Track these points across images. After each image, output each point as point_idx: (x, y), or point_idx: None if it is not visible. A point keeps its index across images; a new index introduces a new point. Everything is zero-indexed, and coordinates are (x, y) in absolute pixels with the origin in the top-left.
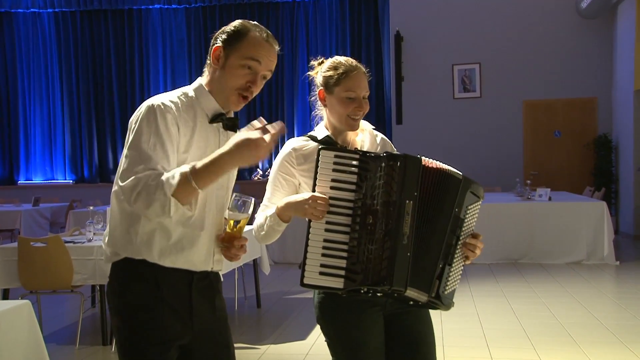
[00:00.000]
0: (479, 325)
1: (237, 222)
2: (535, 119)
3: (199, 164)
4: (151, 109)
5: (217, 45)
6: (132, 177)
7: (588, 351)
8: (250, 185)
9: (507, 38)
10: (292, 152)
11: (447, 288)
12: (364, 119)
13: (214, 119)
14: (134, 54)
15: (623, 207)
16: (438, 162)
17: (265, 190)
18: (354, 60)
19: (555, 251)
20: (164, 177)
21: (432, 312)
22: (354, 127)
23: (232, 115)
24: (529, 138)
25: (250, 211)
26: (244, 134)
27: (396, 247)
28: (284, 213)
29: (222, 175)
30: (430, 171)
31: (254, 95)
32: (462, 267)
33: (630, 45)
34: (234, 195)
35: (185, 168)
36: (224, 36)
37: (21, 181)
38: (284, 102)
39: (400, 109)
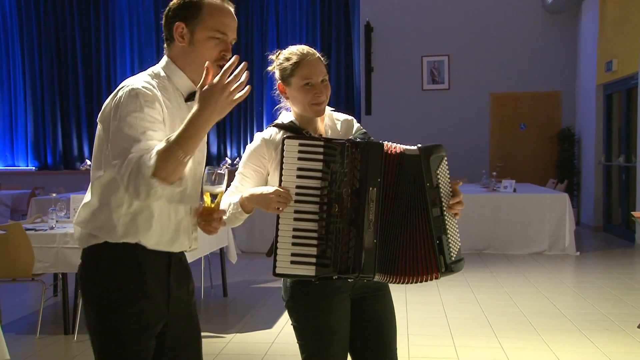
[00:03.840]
0: (443, 314)
1: (214, 196)
2: (502, 111)
3: (174, 135)
4: (133, 92)
5: (177, 22)
6: (125, 161)
7: (548, 339)
8: None
9: (475, 31)
10: (263, 144)
11: (452, 255)
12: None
13: (190, 97)
14: (100, 38)
15: (584, 199)
16: (400, 146)
17: (233, 178)
18: (305, 47)
19: (518, 242)
20: (144, 158)
21: (396, 300)
22: (320, 113)
23: None
24: (495, 130)
25: (225, 183)
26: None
27: (361, 235)
28: (247, 204)
29: (203, 136)
30: (392, 156)
31: None
32: (457, 224)
33: (593, 41)
34: (206, 169)
35: (162, 144)
36: (179, 12)
37: None
38: (253, 93)
39: (369, 100)
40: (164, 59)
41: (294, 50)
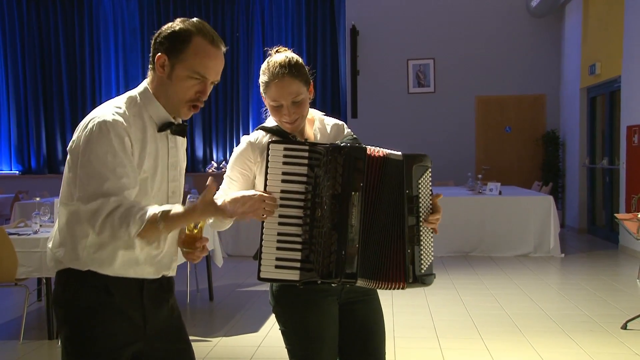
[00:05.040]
0: (429, 316)
1: (196, 223)
2: (487, 114)
3: (173, 211)
4: (103, 126)
5: (160, 54)
6: (98, 202)
7: (533, 340)
8: (204, 178)
9: (460, 34)
10: (249, 147)
11: (422, 267)
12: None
13: (163, 127)
14: (84, 41)
15: (569, 201)
16: (383, 150)
17: (219, 182)
18: (279, 63)
19: (504, 244)
20: (131, 216)
21: (383, 303)
22: (294, 129)
23: (179, 121)
24: (481, 133)
25: None
26: (227, 203)
27: (343, 240)
28: None
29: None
30: (376, 160)
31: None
32: (432, 238)
33: (577, 44)
34: (189, 197)
35: (157, 210)
36: (166, 43)
37: None
38: (239, 96)
39: (355, 103)
40: (143, 83)
41: (270, 66)
